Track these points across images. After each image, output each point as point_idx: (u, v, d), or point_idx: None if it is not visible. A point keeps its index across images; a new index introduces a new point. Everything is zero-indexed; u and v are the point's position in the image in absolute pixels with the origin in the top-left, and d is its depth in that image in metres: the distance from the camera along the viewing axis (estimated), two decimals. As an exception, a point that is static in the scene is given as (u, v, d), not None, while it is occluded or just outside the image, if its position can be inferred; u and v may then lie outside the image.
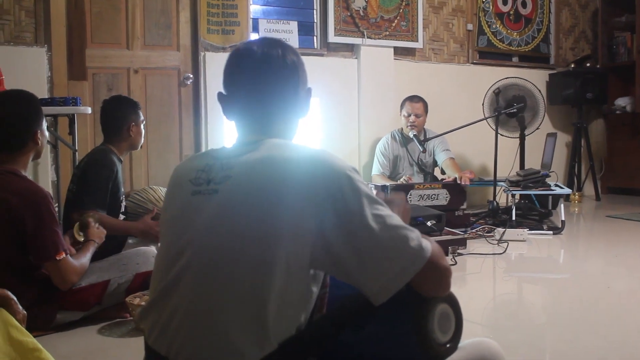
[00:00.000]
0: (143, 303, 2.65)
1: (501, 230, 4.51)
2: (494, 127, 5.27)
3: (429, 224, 3.97)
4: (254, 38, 5.24)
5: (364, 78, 5.76)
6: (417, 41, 6.08)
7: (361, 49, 5.74)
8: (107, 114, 3.44)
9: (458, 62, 6.47)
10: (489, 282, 3.70)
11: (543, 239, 4.66)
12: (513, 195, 4.92)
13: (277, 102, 1.51)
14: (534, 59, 6.98)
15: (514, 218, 4.80)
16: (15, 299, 1.91)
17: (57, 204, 4.15)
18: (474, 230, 4.73)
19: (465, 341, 1.50)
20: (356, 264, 1.31)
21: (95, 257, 2.81)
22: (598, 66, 7.05)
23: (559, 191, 5.00)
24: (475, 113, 5.67)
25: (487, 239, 4.51)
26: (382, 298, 1.32)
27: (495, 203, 5.07)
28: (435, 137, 5.35)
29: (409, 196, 4.70)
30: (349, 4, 5.66)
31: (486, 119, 5.53)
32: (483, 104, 5.67)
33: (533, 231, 4.76)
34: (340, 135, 5.62)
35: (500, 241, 4.39)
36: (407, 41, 6.02)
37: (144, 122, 3.53)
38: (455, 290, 1.43)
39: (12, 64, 4.23)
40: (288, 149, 1.40)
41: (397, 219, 1.36)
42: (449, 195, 4.82)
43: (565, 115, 7.06)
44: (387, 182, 5.04)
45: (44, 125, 2.69)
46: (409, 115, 5.35)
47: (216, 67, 5.04)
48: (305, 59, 1.58)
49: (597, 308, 3.04)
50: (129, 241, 3.38)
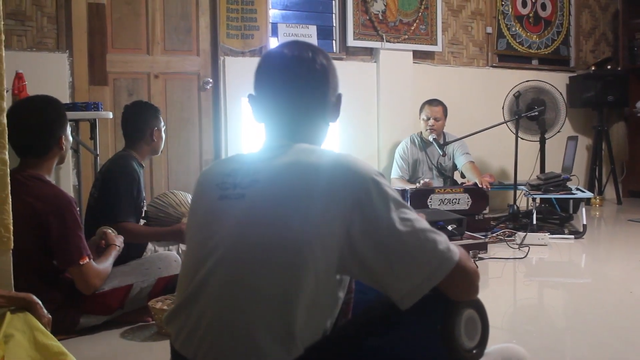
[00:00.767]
0: (165, 307, 2.67)
1: (522, 234, 4.47)
2: (514, 131, 5.24)
3: (449, 228, 3.95)
4: (274, 42, 5.26)
5: (383, 82, 5.75)
6: (436, 44, 6.05)
7: (380, 52, 5.74)
8: (129, 119, 3.46)
9: (477, 65, 6.44)
10: (510, 286, 3.68)
11: (564, 243, 4.62)
12: (534, 199, 4.89)
13: (305, 105, 1.50)
14: (553, 61, 6.94)
15: (534, 222, 4.77)
16: (40, 303, 1.93)
17: (78, 209, 4.17)
18: (494, 235, 4.71)
19: (491, 347, 1.49)
20: (384, 268, 1.31)
21: (116, 262, 2.83)
22: (619, 68, 6.98)
23: (580, 195, 4.95)
24: (495, 116, 5.64)
25: (508, 243, 4.48)
26: (409, 302, 1.31)
27: (515, 207, 5.04)
28: (455, 140, 5.32)
29: (429, 200, 4.68)
30: (368, 7, 5.66)
31: (506, 122, 5.49)
32: (503, 108, 5.64)
33: (554, 235, 4.72)
34: (360, 139, 5.61)
35: (521, 245, 4.36)
36: (426, 45, 6.00)
37: (164, 127, 3.55)
38: (476, 294, 1.43)
39: (34, 69, 4.26)
40: (315, 154, 1.39)
41: (424, 222, 1.36)
42: (470, 200, 4.80)
43: (586, 118, 7.00)
44: (406, 186, 5.02)
45: (68, 130, 2.72)
46: (428, 119, 5.34)
47: (236, 71, 5.06)
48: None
49: (619, 313, 3.01)
50: (150, 246, 3.40)
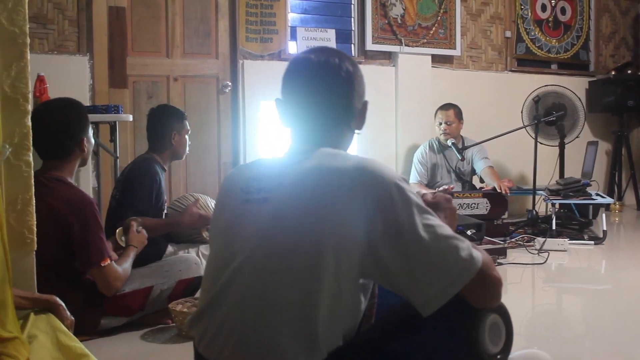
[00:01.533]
0: (185, 310, 2.68)
1: (541, 239, 4.45)
2: (534, 136, 5.21)
3: (468, 232, 3.94)
4: (293, 46, 5.27)
5: (402, 86, 5.74)
6: (455, 49, 6.04)
7: (399, 56, 5.72)
8: (151, 122, 3.48)
9: (496, 69, 6.41)
10: (529, 292, 3.66)
11: (584, 249, 4.59)
12: (553, 205, 4.85)
13: (330, 112, 1.50)
14: (573, 66, 6.89)
15: (554, 227, 4.73)
16: (63, 305, 1.95)
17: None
18: (513, 240, 4.68)
19: (515, 352, 1.48)
20: (405, 274, 1.31)
21: (135, 264, 2.84)
22: (639, 73, 6.93)
23: (600, 200, 4.92)
24: (514, 121, 5.61)
25: (527, 248, 4.45)
26: (431, 309, 1.31)
27: (534, 212, 5.01)
28: (474, 145, 5.31)
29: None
30: (387, 11, 5.65)
31: (525, 127, 5.47)
32: (522, 112, 5.61)
33: (574, 241, 4.69)
34: (378, 144, 5.59)
35: (540, 251, 4.33)
36: (444, 49, 5.98)
37: (188, 132, 3.56)
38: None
39: (55, 72, 4.29)
40: (338, 158, 1.40)
41: (447, 228, 1.35)
42: (489, 205, 4.78)
43: (606, 123, 6.94)
44: (425, 191, 5.01)
45: (90, 132, 2.74)
46: (441, 124, 5.34)
47: (254, 75, 5.07)
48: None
49: (639, 319, 2.99)
50: (170, 249, 3.41)
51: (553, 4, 6.67)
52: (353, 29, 5.68)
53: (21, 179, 2.10)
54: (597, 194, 5.07)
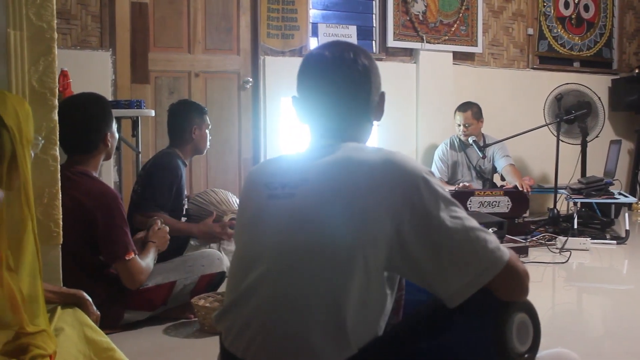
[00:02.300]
0: (208, 305, 2.69)
1: (563, 238, 4.41)
2: (555, 133, 5.17)
3: (490, 231, 3.91)
4: (314, 42, 5.27)
5: (423, 83, 5.72)
6: (477, 46, 6.00)
7: (420, 53, 5.70)
8: (172, 117, 3.50)
9: (518, 67, 6.37)
10: (551, 291, 3.63)
11: (606, 248, 4.55)
12: (575, 203, 4.82)
13: (348, 106, 1.50)
14: (595, 64, 6.82)
15: (575, 226, 4.70)
16: (90, 300, 1.96)
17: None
18: (534, 238, 4.65)
19: (542, 352, 1.47)
20: (432, 265, 1.31)
21: (159, 259, 2.85)
22: (663, 71, 6.85)
23: (623, 199, 4.87)
24: (535, 119, 5.57)
25: (548, 247, 4.42)
26: (457, 301, 1.31)
27: (556, 211, 4.97)
28: (495, 143, 5.27)
29: (468, 203, 4.65)
30: (408, 8, 5.63)
31: (548, 125, 5.43)
32: (544, 110, 5.57)
33: (596, 240, 4.65)
34: (398, 140, 5.58)
35: (562, 250, 4.30)
36: (466, 46, 5.95)
37: (209, 127, 3.57)
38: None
39: (78, 67, 4.32)
40: (364, 152, 1.39)
41: (474, 221, 1.35)
42: (510, 203, 4.75)
43: (629, 121, 6.86)
44: (445, 188, 4.98)
45: (114, 127, 2.76)
46: (460, 125, 5.31)
47: (275, 71, 5.08)
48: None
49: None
50: (191, 243, 3.43)
51: (576, 1, 6.61)
52: (374, 25, 5.67)
53: (48, 173, 2.11)
54: (620, 193, 5.02)
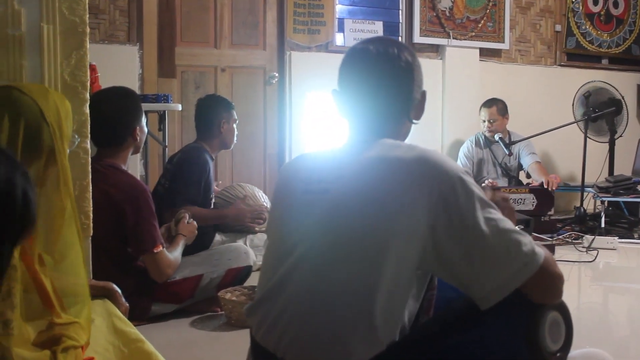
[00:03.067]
0: (234, 298, 2.71)
1: (590, 237, 4.37)
2: (583, 131, 5.12)
3: (525, 233, 3.88)
4: (340, 37, 5.26)
5: (449, 79, 5.69)
6: (504, 42, 5.95)
7: (446, 49, 5.67)
8: (200, 111, 3.52)
9: (545, 64, 6.31)
10: (577, 290, 3.60)
11: (634, 248, 4.50)
12: (602, 202, 4.76)
13: (389, 102, 1.49)
14: (624, 61, 6.72)
15: (602, 225, 4.65)
16: (120, 291, 1.97)
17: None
18: (560, 237, 4.61)
19: (574, 351, 1.46)
20: (466, 266, 1.30)
21: (185, 253, 2.87)
22: (693, 69, 6.75)
23: (651, 199, 4.81)
24: (562, 116, 5.52)
25: (575, 246, 4.38)
26: (490, 302, 1.30)
27: (582, 209, 4.92)
28: (521, 140, 5.23)
29: (493, 200, 4.61)
30: (435, 4, 5.60)
31: (577, 122, 5.37)
32: (573, 107, 5.51)
33: (623, 240, 4.60)
34: (423, 137, 5.52)
35: (589, 249, 4.26)
36: (493, 42, 5.90)
37: (236, 121, 3.59)
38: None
39: (106, 61, 4.35)
40: (401, 149, 1.39)
41: (509, 223, 1.34)
42: (535, 200, 4.71)
43: (657, 120, 6.79)
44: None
45: (144, 121, 2.78)
46: (484, 121, 5.28)
47: (301, 66, 5.08)
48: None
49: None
50: (218, 237, 3.44)
51: (605, -2, 6.54)
52: (401, 21, 5.64)
53: (79, 165, 2.13)
54: (649, 192, 4.96)
